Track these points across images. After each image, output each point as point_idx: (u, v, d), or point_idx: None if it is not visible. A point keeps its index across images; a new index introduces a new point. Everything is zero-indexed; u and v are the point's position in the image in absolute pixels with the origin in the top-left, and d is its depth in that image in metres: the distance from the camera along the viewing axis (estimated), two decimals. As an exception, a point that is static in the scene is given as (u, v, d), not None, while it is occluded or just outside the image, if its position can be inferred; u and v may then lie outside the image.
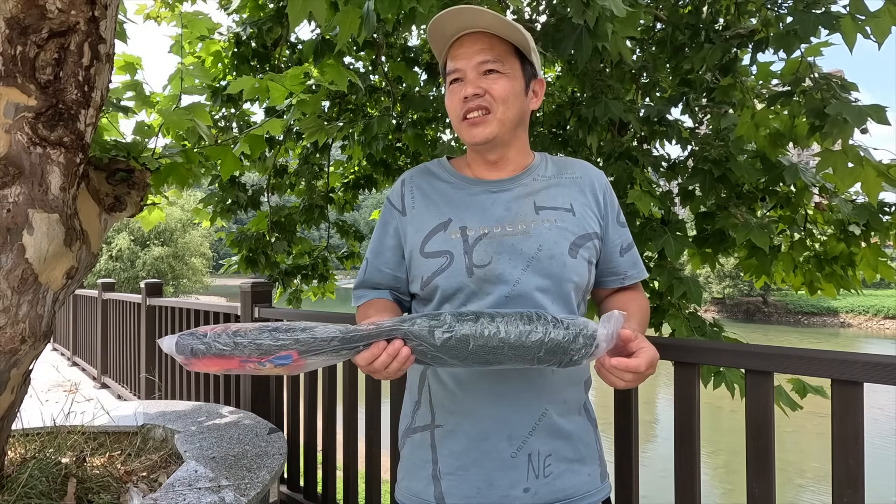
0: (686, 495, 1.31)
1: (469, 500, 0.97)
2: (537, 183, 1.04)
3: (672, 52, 3.08)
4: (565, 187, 1.04)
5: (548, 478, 0.96)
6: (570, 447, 0.98)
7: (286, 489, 2.58)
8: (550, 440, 0.96)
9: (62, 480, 1.51)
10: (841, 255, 2.83)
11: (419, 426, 1.04)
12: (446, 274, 0.97)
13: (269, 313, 2.71)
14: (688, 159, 3.10)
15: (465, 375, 0.98)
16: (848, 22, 2.04)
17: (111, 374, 5.37)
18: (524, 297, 0.95)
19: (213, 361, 0.84)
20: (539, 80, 1.05)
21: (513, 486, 0.95)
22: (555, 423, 0.97)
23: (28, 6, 1.24)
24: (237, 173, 4.02)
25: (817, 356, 1.14)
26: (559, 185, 1.04)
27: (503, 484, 0.95)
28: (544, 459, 0.95)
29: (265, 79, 2.16)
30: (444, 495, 0.98)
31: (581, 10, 1.89)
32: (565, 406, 0.98)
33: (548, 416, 0.96)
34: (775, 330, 28.32)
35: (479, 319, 0.82)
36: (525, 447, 0.95)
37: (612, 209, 1.07)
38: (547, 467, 0.96)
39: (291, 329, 0.83)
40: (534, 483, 0.95)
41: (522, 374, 0.96)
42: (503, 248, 0.97)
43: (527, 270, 0.96)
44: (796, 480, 7.94)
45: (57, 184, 1.33)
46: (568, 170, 1.07)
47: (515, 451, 0.95)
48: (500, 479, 0.95)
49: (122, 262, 27.87)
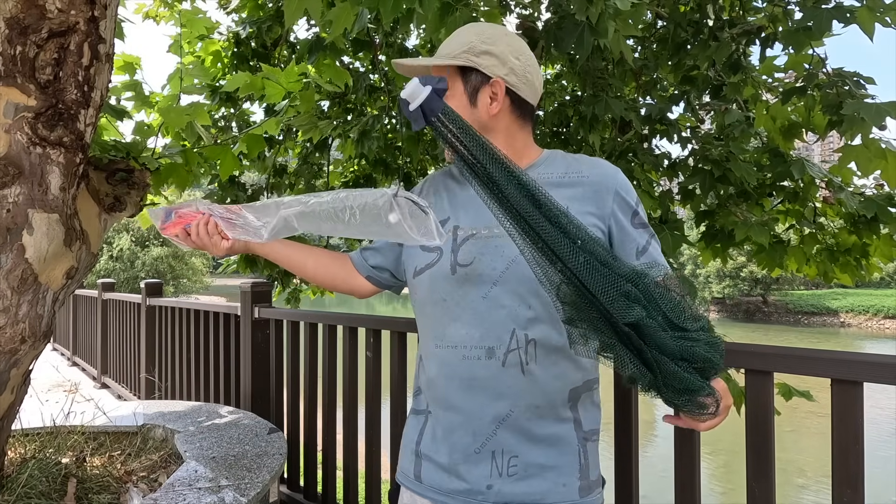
0: (686, 495, 1.31)
1: (440, 486, 1.00)
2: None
3: (674, 49, 3.08)
4: (567, 188, 1.01)
5: (511, 478, 0.96)
6: (541, 453, 0.96)
7: (286, 489, 2.58)
8: (516, 442, 0.96)
9: (62, 480, 1.51)
10: (854, 246, 2.83)
11: (419, 410, 1.09)
12: (434, 269, 1.02)
13: (269, 313, 2.71)
14: (688, 158, 3.11)
15: (442, 368, 1.00)
16: (864, 12, 2.02)
17: (111, 374, 5.37)
18: (502, 298, 0.96)
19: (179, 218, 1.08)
20: (492, 82, 1.00)
21: (477, 481, 0.97)
22: (522, 426, 0.96)
23: (28, 6, 1.24)
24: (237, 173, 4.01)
25: (817, 356, 1.14)
26: (559, 185, 1.01)
27: (469, 478, 0.97)
28: (508, 459, 0.96)
29: (260, 75, 2.16)
30: (421, 474, 1.03)
31: (584, 7, 1.89)
32: (537, 411, 0.96)
33: (513, 417, 0.96)
34: (775, 330, 28.31)
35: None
36: (488, 444, 0.96)
37: (624, 211, 1.01)
38: (511, 467, 0.96)
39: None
40: (496, 481, 0.96)
41: (492, 374, 0.96)
42: (487, 250, 0.98)
43: (506, 273, 0.96)
44: (796, 480, 7.94)
45: (57, 184, 1.32)
46: (576, 169, 1.03)
47: (479, 447, 0.97)
48: (465, 472, 0.98)
49: (122, 262, 27.86)
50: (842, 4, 2.13)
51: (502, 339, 0.95)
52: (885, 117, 2.06)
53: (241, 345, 2.85)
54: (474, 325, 0.97)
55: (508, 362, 0.95)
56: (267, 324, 2.76)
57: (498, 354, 0.95)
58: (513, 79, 1.01)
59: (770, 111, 2.61)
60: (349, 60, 4.19)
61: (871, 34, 2.03)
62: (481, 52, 1.00)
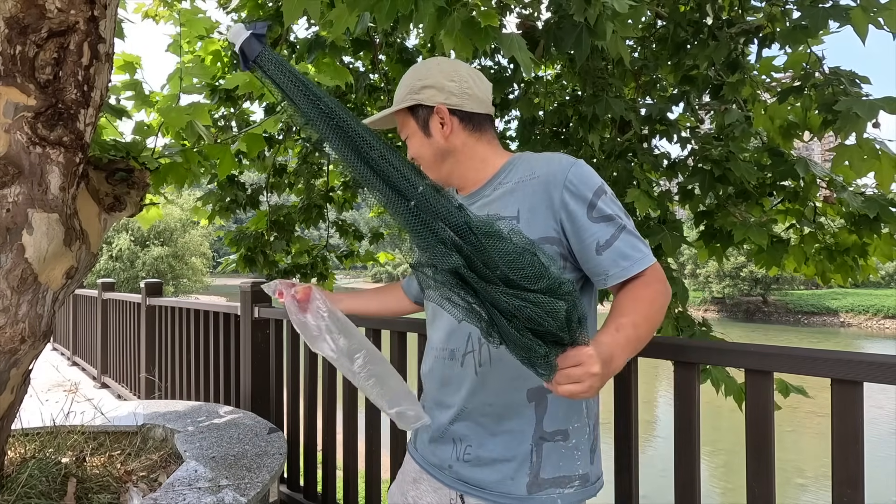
0: (686, 495, 1.31)
1: (424, 455, 1.16)
2: (497, 191, 1.08)
3: (673, 49, 3.08)
4: (520, 192, 1.03)
5: (467, 463, 1.07)
6: (493, 447, 1.04)
7: (286, 489, 2.58)
8: (471, 433, 1.07)
9: (62, 480, 1.52)
10: (853, 246, 2.83)
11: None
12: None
13: (269, 313, 2.71)
14: (687, 158, 3.11)
15: (426, 364, 1.17)
16: (858, 13, 2.02)
17: (111, 373, 5.37)
18: None
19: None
20: (436, 109, 1.09)
21: (443, 460, 1.11)
22: (476, 420, 1.06)
23: (27, 6, 1.24)
24: (236, 172, 4.01)
25: (817, 356, 1.14)
26: (514, 191, 1.04)
27: (439, 454, 1.12)
28: (465, 447, 1.07)
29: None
30: (416, 443, 1.21)
31: (583, 8, 1.90)
32: (490, 408, 1.04)
33: (468, 412, 1.06)
34: (775, 329, 28.30)
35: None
36: (449, 432, 1.09)
37: (577, 203, 0.98)
38: (466, 454, 1.07)
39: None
40: (455, 463, 1.08)
41: (454, 374, 1.08)
42: None
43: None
44: (796, 480, 7.94)
45: (56, 183, 1.32)
46: (530, 170, 1.05)
47: (443, 433, 1.11)
48: (437, 449, 1.13)
49: (121, 262, 27.84)
50: (838, 4, 2.13)
51: (461, 342, 1.06)
52: (878, 112, 2.06)
53: (241, 345, 2.85)
54: (444, 329, 1.10)
55: (465, 363, 1.06)
56: (267, 324, 2.76)
57: (457, 356, 1.07)
58: (453, 100, 1.09)
59: (768, 111, 2.61)
60: (349, 60, 4.19)
61: (865, 35, 2.03)
62: (420, 88, 1.10)
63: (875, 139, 2.21)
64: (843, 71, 2.40)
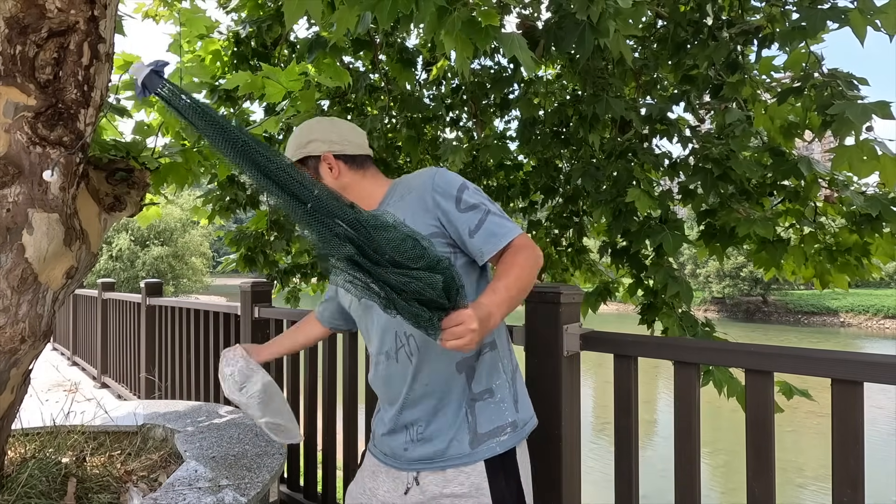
0: (686, 495, 1.31)
1: (380, 447, 1.28)
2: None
3: (674, 49, 3.08)
4: (403, 205, 1.20)
5: (419, 442, 1.20)
6: (437, 420, 1.19)
7: (286, 489, 2.58)
8: (419, 415, 1.20)
9: (62, 480, 1.52)
10: (854, 245, 2.82)
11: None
12: (353, 303, 1.30)
13: (269, 313, 2.71)
14: (688, 157, 3.10)
15: (371, 371, 1.30)
16: (856, 15, 2.03)
17: (111, 373, 5.37)
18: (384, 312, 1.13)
19: None
20: (322, 157, 1.26)
21: (397, 447, 1.23)
22: (418, 403, 1.20)
23: (27, 6, 1.24)
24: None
25: (817, 356, 1.14)
26: (398, 207, 1.20)
27: (392, 445, 1.24)
28: (416, 429, 1.20)
29: (260, 75, 2.16)
30: (374, 439, 1.32)
31: (585, 6, 1.89)
32: (427, 388, 1.19)
33: (411, 398, 1.20)
34: (775, 329, 28.29)
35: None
36: (400, 420, 1.22)
37: (447, 201, 1.15)
38: (419, 435, 1.20)
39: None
40: (410, 445, 1.21)
41: (393, 371, 1.21)
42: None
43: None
44: (796, 480, 7.94)
45: (56, 183, 1.32)
46: (406, 187, 1.23)
47: (393, 426, 1.23)
48: (390, 440, 1.24)
49: (121, 262, 27.85)
50: (836, 6, 2.13)
51: (391, 342, 1.20)
52: (870, 116, 2.06)
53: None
54: (376, 337, 1.24)
55: (399, 358, 1.19)
56: (267, 324, 2.76)
57: (392, 355, 1.20)
58: (336, 147, 1.27)
59: (768, 111, 2.61)
60: (349, 60, 4.18)
61: (863, 37, 2.03)
62: (307, 142, 1.28)
63: (874, 140, 2.20)
64: (841, 73, 2.40)
